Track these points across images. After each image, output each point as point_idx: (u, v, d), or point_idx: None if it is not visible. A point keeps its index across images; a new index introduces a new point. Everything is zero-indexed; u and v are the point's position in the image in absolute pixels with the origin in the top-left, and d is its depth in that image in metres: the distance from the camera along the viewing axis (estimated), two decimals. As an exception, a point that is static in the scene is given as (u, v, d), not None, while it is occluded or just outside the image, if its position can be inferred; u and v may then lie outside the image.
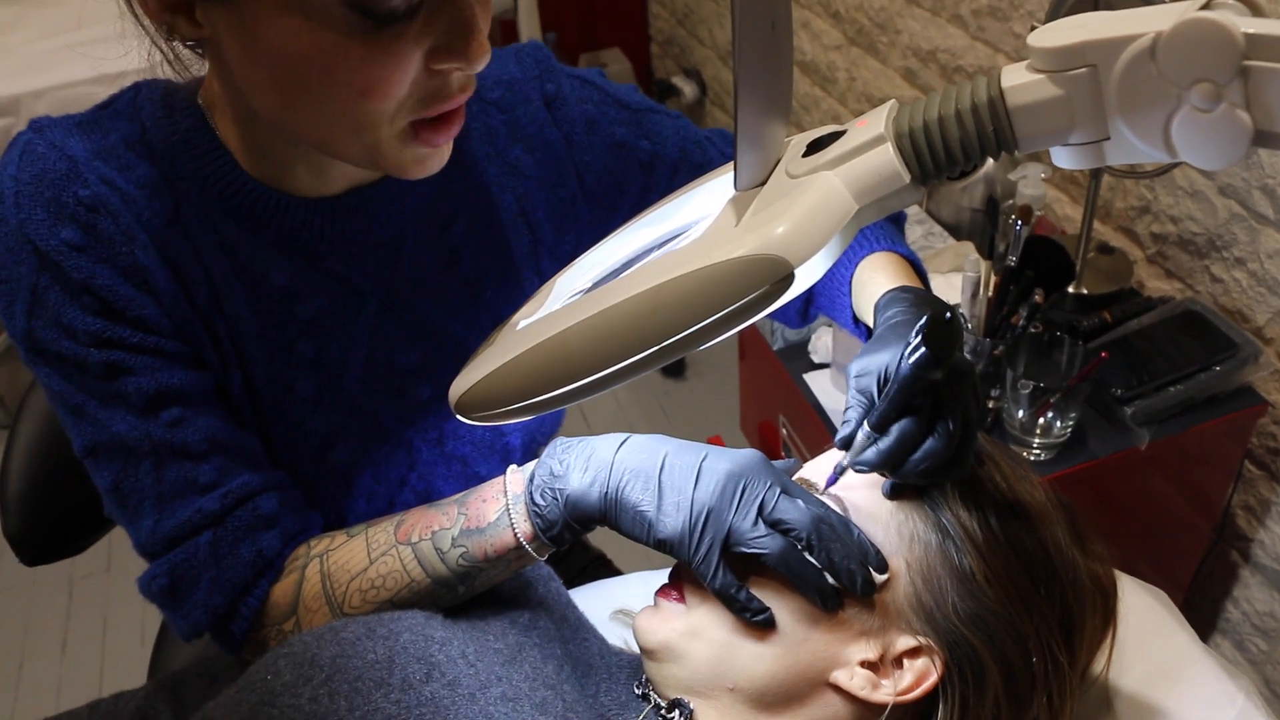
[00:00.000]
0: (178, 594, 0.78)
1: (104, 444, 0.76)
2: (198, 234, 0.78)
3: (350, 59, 0.62)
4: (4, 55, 2.46)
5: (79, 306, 0.74)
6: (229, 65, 0.69)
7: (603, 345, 0.57)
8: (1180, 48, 0.48)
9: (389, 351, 0.87)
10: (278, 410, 0.84)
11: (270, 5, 0.61)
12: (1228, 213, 1.42)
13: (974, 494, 0.70)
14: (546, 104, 0.90)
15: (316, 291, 0.83)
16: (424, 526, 0.76)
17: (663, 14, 3.54)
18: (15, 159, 0.75)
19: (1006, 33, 1.76)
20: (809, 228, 0.53)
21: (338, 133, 0.69)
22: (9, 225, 0.73)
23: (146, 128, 0.77)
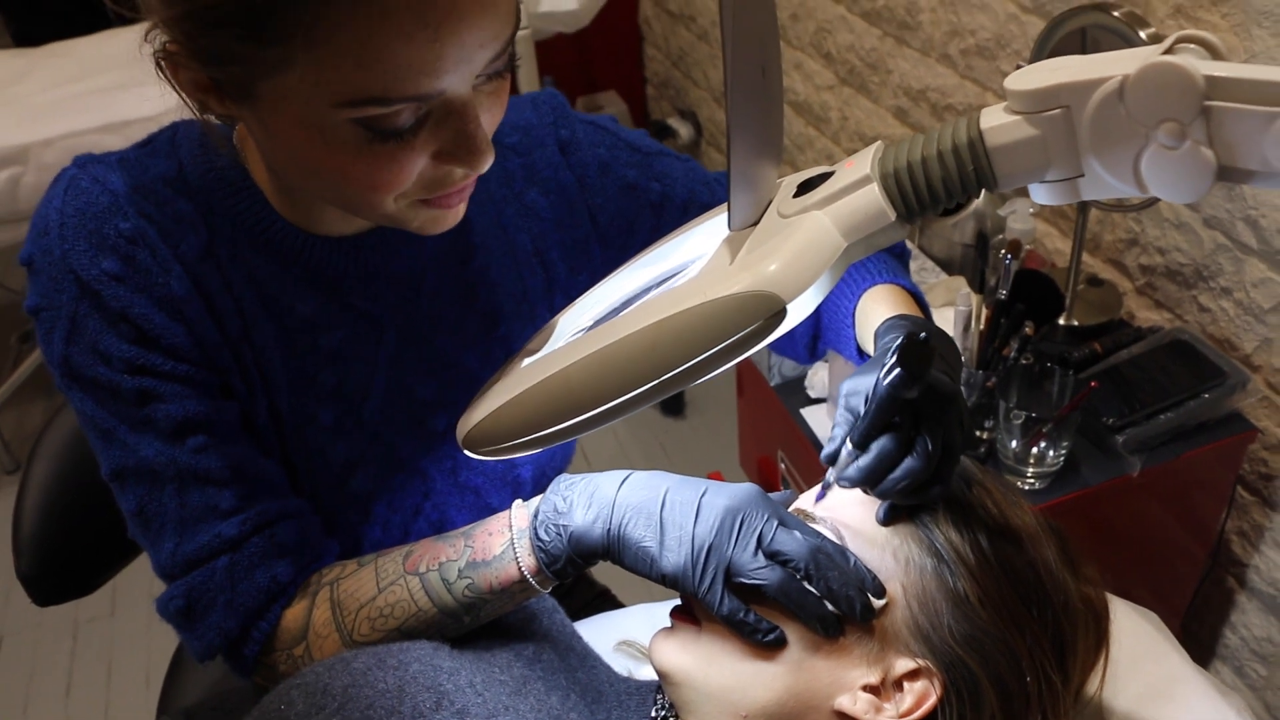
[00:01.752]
0: (193, 615, 0.81)
1: (131, 468, 0.79)
2: (229, 267, 0.82)
3: (360, 165, 0.67)
4: (13, 105, 2.49)
5: (115, 334, 0.77)
6: (260, 144, 0.74)
7: (605, 380, 0.60)
8: (1146, 90, 0.51)
9: (407, 383, 0.90)
10: (300, 438, 0.87)
11: (287, 116, 0.66)
12: (1213, 243, 1.45)
13: (966, 519, 0.72)
14: (561, 149, 0.94)
15: (339, 324, 0.86)
16: (431, 558, 0.79)
17: (657, 56, 3.59)
18: (61, 193, 0.79)
19: (994, 71, 1.80)
20: (800, 265, 0.55)
21: (352, 206, 0.75)
22: (53, 255, 0.77)
23: (184, 165, 0.81)
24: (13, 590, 2.47)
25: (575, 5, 2.60)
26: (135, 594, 2.37)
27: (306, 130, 0.66)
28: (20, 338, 3.13)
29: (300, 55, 0.62)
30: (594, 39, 3.08)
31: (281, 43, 0.61)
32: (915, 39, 2.02)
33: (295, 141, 0.68)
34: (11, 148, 2.30)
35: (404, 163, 0.68)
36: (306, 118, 0.65)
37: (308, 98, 0.64)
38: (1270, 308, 1.39)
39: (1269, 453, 1.47)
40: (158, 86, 0.76)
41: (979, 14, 1.80)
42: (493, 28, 0.65)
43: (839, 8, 2.27)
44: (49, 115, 2.41)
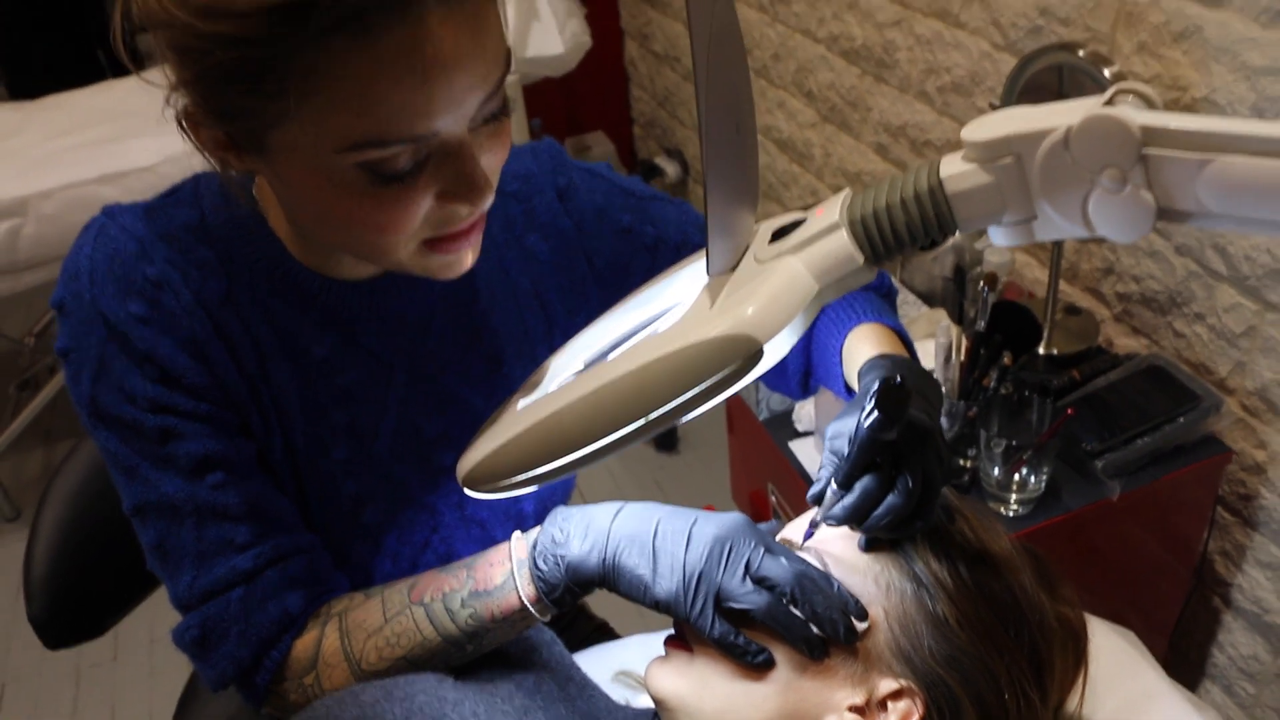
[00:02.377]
0: (207, 645, 0.84)
1: (153, 503, 0.83)
2: (248, 310, 0.86)
3: (366, 207, 0.72)
4: (11, 157, 2.53)
5: (140, 374, 0.82)
6: (276, 194, 0.79)
7: (596, 421, 0.64)
8: (1088, 139, 0.55)
9: (416, 421, 0.94)
10: (314, 473, 0.91)
11: (297, 165, 0.71)
12: (1185, 271, 1.49)
13: (945, 545, 0.75)
14: (559, 196, 0.99)
15: (352, 365, 0.91)
16: (435, 588, 0.82)
17: (644, 97, 3.65)
18: (91, 240, 0.84)
19: (970, 107, 1.85)
20: (775, 308, 0.59)
21: (365, 250, 0.79)
22: (83, 300, 0.82)
23: (206, 214, 0.86)
24: (14, 638, 2.48)
25: (561, 49, 2.66)
26: (137, 639, 2.39)
27: (315, 177, 0.71)
28: (19, 385, 3.16)
29: (300, 105, 0.66)
30: (581, 81, 3.13)
31: (282, 95, 0.65)
32: (893, 77, 2.07)
33: (307, 189, 0.72)
34: (11, 200, 2.34)
35: (408, 204, 0.72)
36: (313, 164, 0.70)
37: (312, 145, 0.68)
38: (1241, 332, 1.43)
39: (1247, 474, 1.50)
40: (153, 138, 0.81)
41: (954, 52, 1.85)
42: (480, 71, 0.69)
43: (819, 47, 2.33)
44: (47, 167, 2.45)
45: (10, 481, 2.90)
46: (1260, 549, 1.53)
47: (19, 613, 2.57)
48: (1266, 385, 1.43)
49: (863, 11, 2.11)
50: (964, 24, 1.80)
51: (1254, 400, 1.45)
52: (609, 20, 3.57)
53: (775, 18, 2.49)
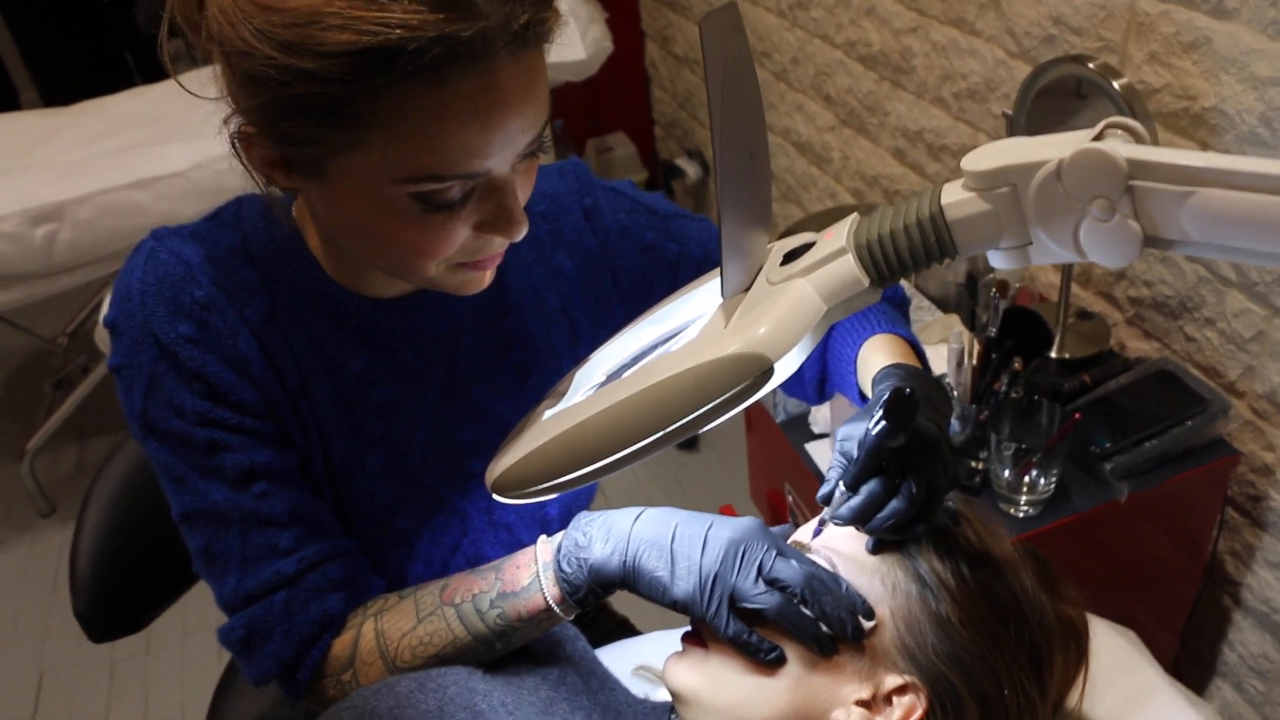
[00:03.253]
0: (252, 645, 0.89)
1: (200, 511, 0.88)
2: (290, 329, 0.91)
3: (411, 232, 0.76)
4: (46, 164, 2.58)
5: (189, 391, 0.86)
6: (318, 214, 0.83)
7: (618, 432, 0.68)
8: (1078, 171, 0.59)
9: (448, 431, 0.99)
10: (350, 483, 0.96)
11: (351, 190, 0.75)
12: (1195, 276, 1.52)
13: (949, 547, 0.79)
14: (585, 215, 1.04)
15: (388, 379, 0.95)
16: (465, 590, 0.87)
17: (664, 98, 3.68)
18: (141, 264, 0.88)
19: (985, 114, 1.88)
20: (785, 328, 0.63)
21: (399, 269, 0.83)
22: (135, 320, 0.86)
23: (248, 236, 0.91)
24: (51, 629, 2.55)
25: (584, 55, 2.70)
26: (170, 632, 2.45)
27: (368, 202, 0.75)
28: (54, 385, 3.23)
29: (371, 138, 0.71)
30: (602, 82, 3.17)
31: (355, 129, 0.70)
32: (910, 82, 2.10)
33: (356, 212, 0.77)
34: (47, 205, 2.38)
35: (450, 231, 0.77)
36: (369, 192, 0.74)
37: (373, 174, 0.73)
38: (1251, 336, 1.46)
39: (1256, 475, 1.53)
40: (186, 143, 0.86)
41: (969, 59, 1.88)
42: (532, 115, 0.74)
43: (837, 52, 2.36)
44: (81, 173, 2.49)
45: (45, 478, 2.96)
46: (1269, 549, 1.56)
47: (55, 605, 2.65)
48: (1275, 389, 1.45)
49: (880, 18, 2.14)
50: (979, 32, 1.83)
51: (1263, 403, 1.48)
52: (630, 22, 3.61)
53: (794, 23, 2.52)
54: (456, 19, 0.66)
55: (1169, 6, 1.41)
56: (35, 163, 2.60)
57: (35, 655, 2.48)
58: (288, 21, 0.67)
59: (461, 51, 0.67)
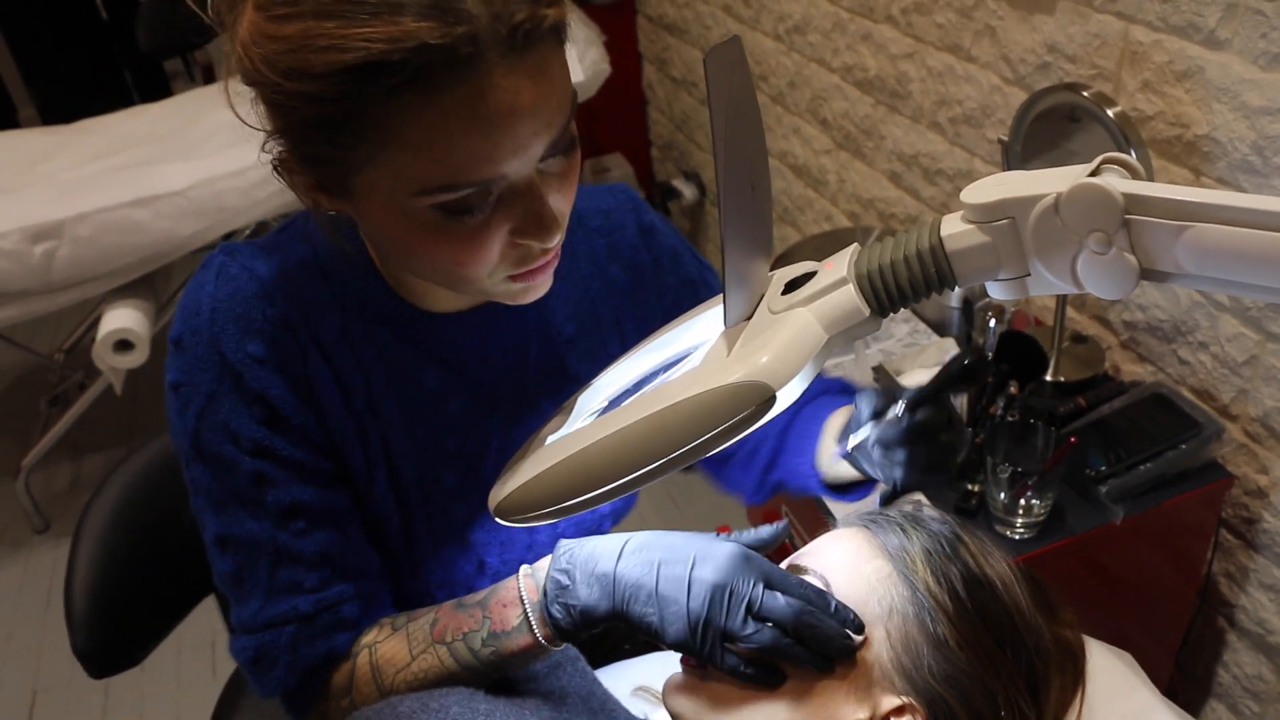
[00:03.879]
0: (259, 667, 0.90)
1: (236, 537, 0.89)
2: (361, 345, 0.92)
3: (443, 244, 0.76)
4: (46, 182, 2.59)
5: (249, 415, 0.87)
6: (368, 235, 0.85)
7: (620, 459, 0.69)
8: (1076, 206, 0.60)
9: (517, 443, 0.97)
10: (425, 500, 0.97)
11: (378, 207, 0.76)
12: (1189, 301, 1.54)
13: (945, 569, 0.80)
14: (641, 232, 1.06)
15: (459, 393, 0.96)
16: (455, 628, 0.87)
17: (662, 120, 3.70)
18: (212, 279, 0.89)
19: (980, 138, 1.90)
20: (787, 357, 0.65)
21: (450, 282, 0.83)
22: (202, 336, 0.87)
23: (318, 250, 0.92)
24: (45, 647, 2.54)
25: (581, 77, 2.72)
26: (165, 650, 2.42)
27: (394, 217, 0.75)
28: (49, 401, 3.23)
29: (376, 154, 0.71)
30: (600, 104, 3.19)
31: (359, 145, 0.71)
32: (906, 107, 2.12)
33: (389, 229, 0.77)
34: (46, 223, 2.39)
35: (482, 241, 0.76)
36: (393, 207, 0.75)
37: (390, 189, 0.73)
38: (1244, 360, 1.47)
39: (1249, 498, 1.54)
40: (185, 162, 0.88)
41: (965, 85, 1.90)
42: (544, 118, 0.73)
43: (834, 76, 2.38)
44: (81, 191, 2.50)
45: (41, 495, 2.96)
46: (1264, 571, 1.57)
47: (49, 622, 2.64)
48: (1268, 412, 1.47)
49: (877, 43, 2.16)
50: (975, 58, 1.85)
51: (1256, 427, 1.49)
52: (628, 45, 3.63)
53: (791, 47, 2.54)
54: (441, 26, 0.66)
55: (1162, 36, 1.43)
56: (34, 181, 2.61)
57: (29, 673, 2.48)
58: (284, 48, 0.69)
59: (449, 59, 0.67)
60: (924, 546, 0.81)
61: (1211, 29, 1.35)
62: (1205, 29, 1.36)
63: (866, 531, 0.84)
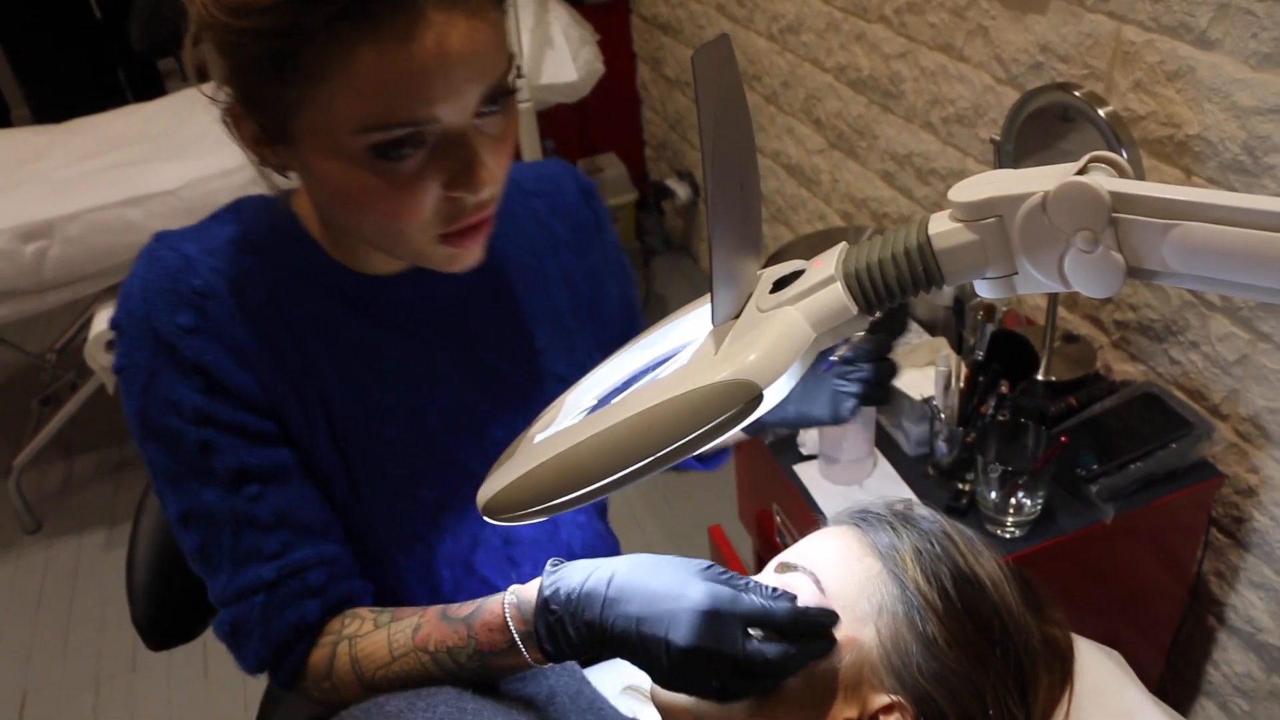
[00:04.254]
0: (236, 640, 0.92)
1: (195, 511, 0.91)
2: (292, 310, 0.94)
3: (378, 191, 0.79)
4: (38, 181, 2.58)
5: (187, 386, 0.89)
6: (308, 191, 0.89)
7: (609, 457, 0.69)
8: (1063, 204, 0.60)
9: (465, 399, 1.02)
10: (365, 456, 0.98)
11: (318, 150, 0.79)
12: (1180, 300, 1.54)
13: (935, 568, 0.80)
14: (581, 193, 1.11)
15: (394, 350, 0.98)
16: (439, 640, 0.87)
17: (655, 119, 3.71)
18: (143, 264, 0.91)
19: (973, 138, 1.90)
20: (774, 355, 0.64)
21: (384, 238, 0.85)
22: (136, 317, 0.89)
23: (248, 227, 0.95)
24: (35, 647, 2.54)
25: (575, 77, 2.72)
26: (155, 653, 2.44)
27: (333, 161, 0.79)
28: (41, 401, 3.22)
29: (317, 91, 0.75)
30: (594, 103, 3.19)
31: (300, 81, 0.74)
32: (899, 107, 2.13)
33: (330, 176, 0.80)
34: (37, 222, 2.39)
35: (415, 190, 0.79)
36: (331, 148, 0.78)
37: (329, 129, 0.77)
38: (1235, 360, 1.48)
39: (1240, 497, 1.55)
40: (177, 162, 0.92)
41: (958, 85, 1.90)
42: (477, 66, 0.76)
43: (827, 76, 2.38)
44: (72, 190, 2.50)
45: (32, 495, 2.96)
46: (1253, 570, 1.57)
47: (40, 622, 2.64)
48: (1258, 412, 1.47)
49: (870, 43, 2.16)
50: (967, 58, 1.85)
51: (1246, 426, 1.50)
52: (622, 45, 3.63)
53: (785, 47, 2.55)
54: None
55: (1154, 36, 1.43)
56: (26, 179, 2.60)
57: (19, 674, 2.47)
58: None
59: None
60: (914, 545, 0.81)
61: (1203, 29, 1.36)
62: (1197, 29, 1.37)
63: (857, 530, 0.84)
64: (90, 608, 2.63)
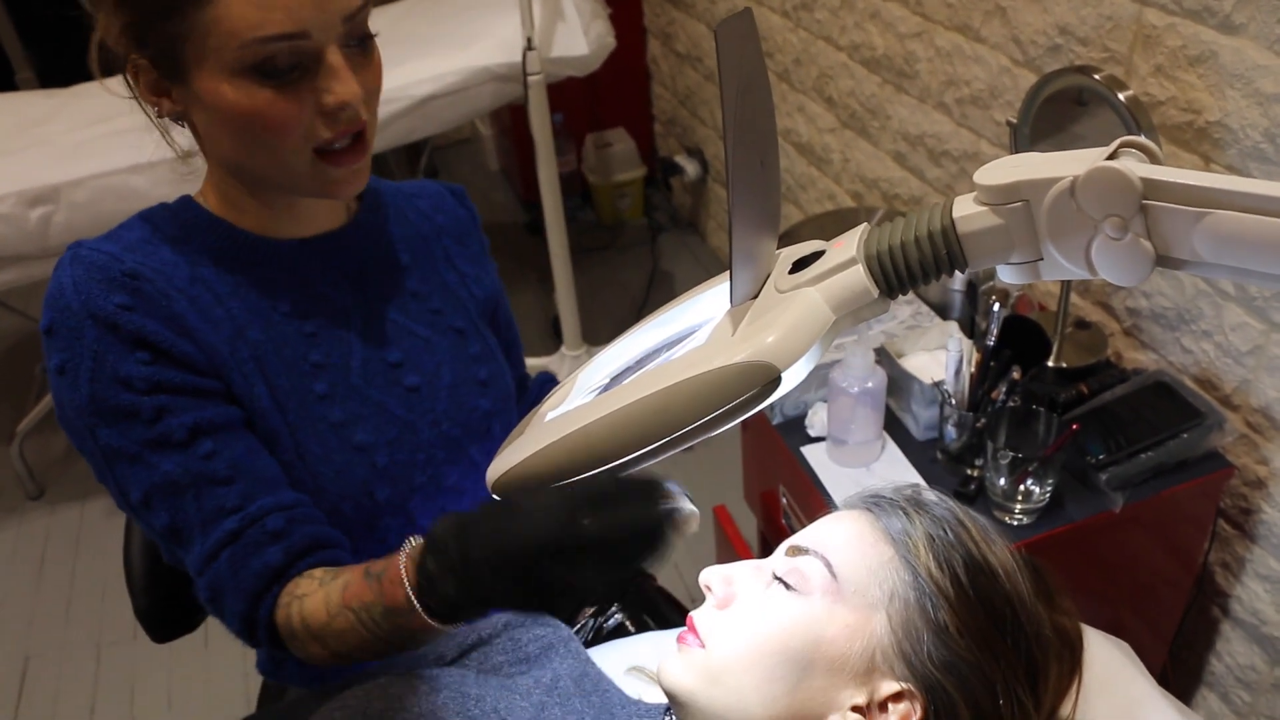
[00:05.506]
0: (217, 602, 0.95)
1: (158, 485, 0.93)
2: (215, 285, 1.01)
3: (261, 105, 0.90)
4: (43, 145, 2.56)
5: (134, 359, 0.93)
6: (202, 132, 0.97)
7: (622, 437, 0.67)
8: (1092, 189, 0.59)
9: (378, 351, 1.11)
10: (301, 410, 1.04)
11: (209, 75, 0.89)
12: (1194, 289, 1.53)
13: (947, 555, 0.79)
14: (454, 195, 1.26)
15: (315, 311, 1.07)
16: (358, 597, 0.86)
17: (665, 95, 3.68)
18: (68, 265, 0.95)
19: (988, 120, 1.88)
20: (794, 338, 0.63)
21: (273, 165, 0.95)
22: (71, 309, 0.92)
23: (156, 226, 1.02)
24: (37, 613, 2.54)
25: (586, 50, 2.69)
26: (157, 618, 2.45)
27: (222, 84, 0.89)
28: (44, 368, 3.21)
29: (204, 14, 0.85)
30: (603, 78, 3.16)
31: (188, 9, 0.85)
32: (913, 87, 2.10)
33: (220, 101, 0.89)
34: (43, 187, 2.38)
35: (294, 102, 0.90)
36: (219, 71, 0.88)
37: (216, 50, 0.87)
38: (1247, 350, 1.46)
39: (1248, 488, 1.54)
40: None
41: (973, 65, 1.88)
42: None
43: (840, 55, 2.36)
44: (78, 155, 2.48)
45: (35, 461, 2.96)
46: (1260, 562, 1.56)
47: (42, 588, 2.65)
48: (1270, 403, 1.46)
49: (884, 22, 2.14)
50: (984, 39, 1.83)
51: (1258, 417, 1.49)
52: (632, 19, 3.60)
53: (798, 24, 2.52)
54: None
55: (1176, 20, 1.41)
56: (32, 144, 2.58)
57: (21, 639, 2.48)
58: None
59: None
60: (926, 531, 0.80)
61: (1227, 13, 1.34)
62: (1221, 13, 1.35)
63: (869, 514, 0.83)
64: (92, 574, 2.64)
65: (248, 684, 2.25)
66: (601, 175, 3.73)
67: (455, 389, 1.15)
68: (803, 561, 0.80)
